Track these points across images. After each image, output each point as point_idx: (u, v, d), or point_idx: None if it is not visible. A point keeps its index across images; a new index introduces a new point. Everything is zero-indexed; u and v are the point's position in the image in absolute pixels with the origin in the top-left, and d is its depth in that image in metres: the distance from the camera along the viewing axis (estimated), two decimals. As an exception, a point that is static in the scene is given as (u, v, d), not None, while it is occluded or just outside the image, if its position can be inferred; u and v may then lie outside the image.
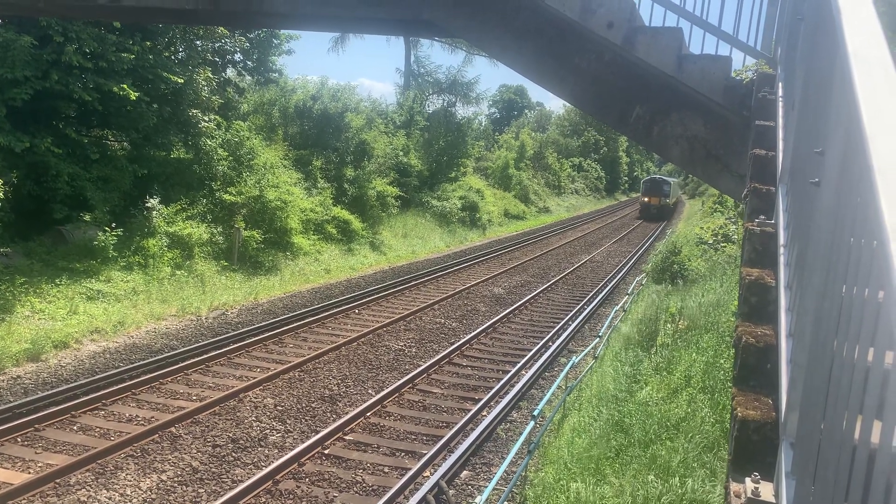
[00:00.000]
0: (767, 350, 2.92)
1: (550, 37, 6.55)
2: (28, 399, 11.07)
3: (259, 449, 10.16)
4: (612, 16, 6.06)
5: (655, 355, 13.13)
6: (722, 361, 10.10)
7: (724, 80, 5.88)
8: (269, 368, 13.56)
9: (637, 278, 24.81)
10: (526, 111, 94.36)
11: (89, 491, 8.57)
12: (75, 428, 10.35)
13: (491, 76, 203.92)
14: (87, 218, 18.26)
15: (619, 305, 19.82)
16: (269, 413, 11.49)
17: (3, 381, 12.07)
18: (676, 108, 6.25)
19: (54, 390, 11.52)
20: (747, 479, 2.45)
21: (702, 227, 27.55)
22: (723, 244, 21.66)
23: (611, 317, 17.99)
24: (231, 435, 10.52)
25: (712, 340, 11.46)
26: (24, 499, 8.22)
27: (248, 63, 27.75)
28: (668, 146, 6.36)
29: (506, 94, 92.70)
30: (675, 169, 74.13)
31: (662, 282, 21.73)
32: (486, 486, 8.56)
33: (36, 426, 10.16)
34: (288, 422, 11.22)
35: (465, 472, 9.91)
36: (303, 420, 11.34)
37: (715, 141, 6.14)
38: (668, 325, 14.42)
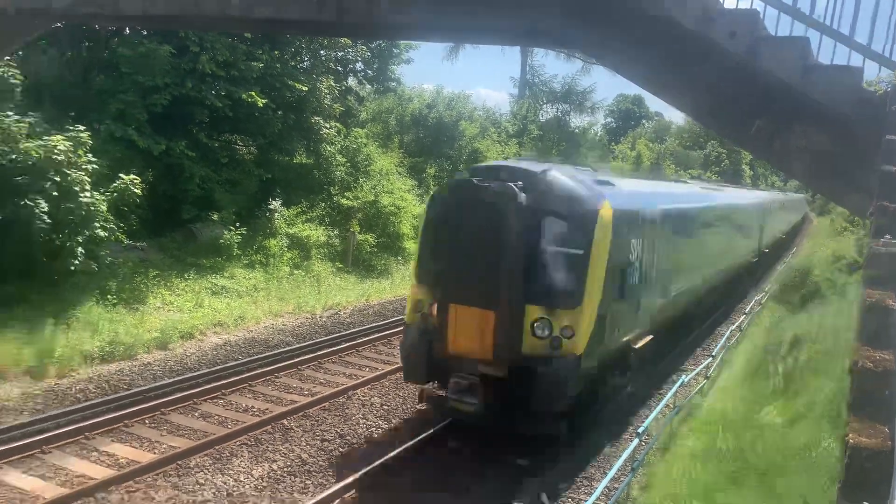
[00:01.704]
0: (886, 376, 2.78)
1: (668, 47, 6.42)
2: (156, 384, 11.89)
3: (365, 446, 10.43)
4: (734, 25, 5.88)
5: (777, 378, 12.49)
6: (848, 389, 9.50)
7: (853, 92, 5.58)
8: (377, 368, 13.91)
9: (756, 297, 23.72)
10: (643, 121, 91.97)
11: (206, 474, 9.09)
12: (196, 414, 11.01)
13: (608, 85, 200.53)
14: (214, 217, 19.35)
15: (735, 325, 19.01)
16: (375, 411, 11.79)
17: (135, 366, 12.99)
18: (799, 120, 5.97)
19: (179, 378, 12.32)
20: (856, 509, 2.35)
21: (832, 247, 25.97)
22: (857, 264, 20.35)
23: (726, 336, 17.28)
24: (339, 430, 10.86)
25: (842, 366, 10.79)
26: (149, 476, 8.83)
27: (369, 72, 28.58)
28: (790, 160, 6.08)
29: (623, 104, 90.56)
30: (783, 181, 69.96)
31: (788, 302, 20.63)
32: (586, 500, 8.42)
33: (162, 410, 10.89)
34: (393, 421, 11.46)
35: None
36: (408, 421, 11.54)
37: (840, 156, 5.82)
38: (794, 348, 13.68)
